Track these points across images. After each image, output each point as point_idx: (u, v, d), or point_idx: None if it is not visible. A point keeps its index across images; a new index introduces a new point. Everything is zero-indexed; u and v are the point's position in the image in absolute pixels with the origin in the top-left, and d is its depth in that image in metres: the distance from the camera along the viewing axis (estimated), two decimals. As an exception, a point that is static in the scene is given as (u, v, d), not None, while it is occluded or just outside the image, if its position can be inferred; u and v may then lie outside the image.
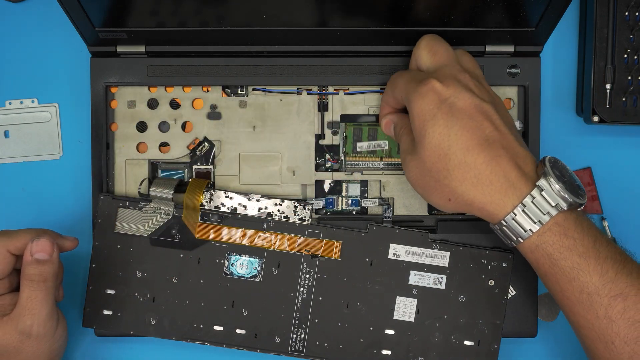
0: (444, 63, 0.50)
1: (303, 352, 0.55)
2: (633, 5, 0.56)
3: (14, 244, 0.50)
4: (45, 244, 0.50)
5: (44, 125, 0.59)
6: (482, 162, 0.46)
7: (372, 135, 0.57)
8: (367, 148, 0.57)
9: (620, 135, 0.60)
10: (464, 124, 0.47)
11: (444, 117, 0.47)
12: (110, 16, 0.52)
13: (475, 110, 0.47)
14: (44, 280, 0.50)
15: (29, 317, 0.49)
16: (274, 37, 0.55)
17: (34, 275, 0.49)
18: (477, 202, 0.47)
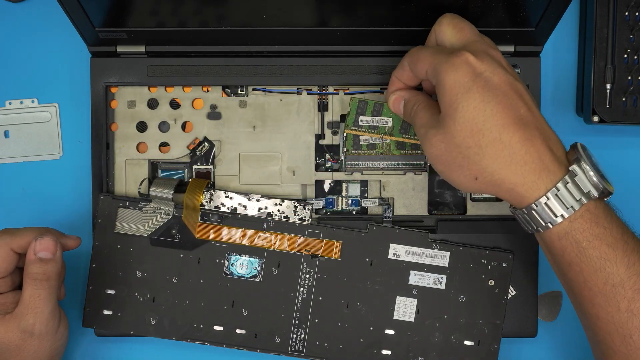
0: (473, 39, 0.48)
1: (303, 352, 0.55)
2: (633, 5, 0.56)
3: (17, 243, 0.50)
4: (49, 243, 0.50)
5: (44, 125, 0.59)
6: (518, 142, 0.45)
7: (377, 110, 0.56)
8: (370, 123, 0.56)
9: (620, 135, 0.60)
10: (499, 100, 0.45)
11: (480, 92, 0.45)
12: (110, 16, 0.52)
13: (510, 88, 0.46)
14: (47, 278, 0.50)
15: (32, 316, 0.49)
16: (274, 37, 0.55)
17: (37, 274, 0.49)
18: (508, 183, 0.45)
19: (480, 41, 0.48)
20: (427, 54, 0.48)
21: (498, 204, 0.58)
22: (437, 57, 0.47)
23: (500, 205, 0.57)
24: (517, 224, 0.57)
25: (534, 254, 0.57)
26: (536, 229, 0.46)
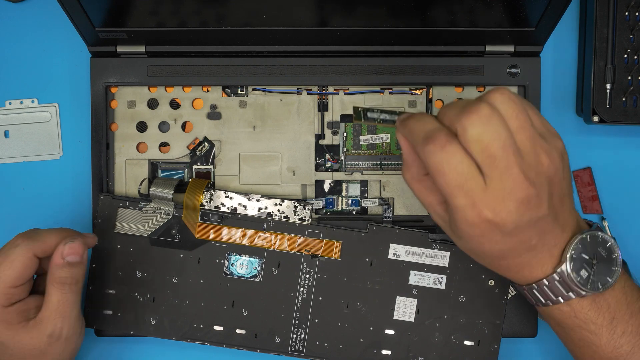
0: (501, 174, 0.42)
1: (303, 352, 0.55)
2: (633, 5, 0.56)
3: (40, 247, 0.50)
4: (77, 246, 0.49)
5: (44, 125, 0.59)
6: (525, 228, 0.44)
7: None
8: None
9: (620, 135, 0.60)
10: (514, 241, 0.44)
11: (499, 239, 0.44)
12: (110, 16, 0.52)
13: (526, 232, 0.44)
14: (76, 282, 0.49)
15: (60, 320, 0.49)
16: (274, 37, 0.55)
17: (65, 278, 0.49)
18: (504, 263, 0.47)
19: (507, 177, 0.42)
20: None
21: (498, 204, 0.57)
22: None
23: (500, 205, 0.57)
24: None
25: (534, 254, 0.57)
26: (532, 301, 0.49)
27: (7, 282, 0.48)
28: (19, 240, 0.49)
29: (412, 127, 0.45)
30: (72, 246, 0.49)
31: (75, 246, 0.49)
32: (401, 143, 0.47)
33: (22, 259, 0.49)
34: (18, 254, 0.49)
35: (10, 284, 0.48)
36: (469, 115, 0.41)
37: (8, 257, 0.48)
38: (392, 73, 0.56)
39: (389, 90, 0.57)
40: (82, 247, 0.50)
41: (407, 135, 0.46)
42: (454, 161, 0.41)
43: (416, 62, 0.56)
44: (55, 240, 0.50)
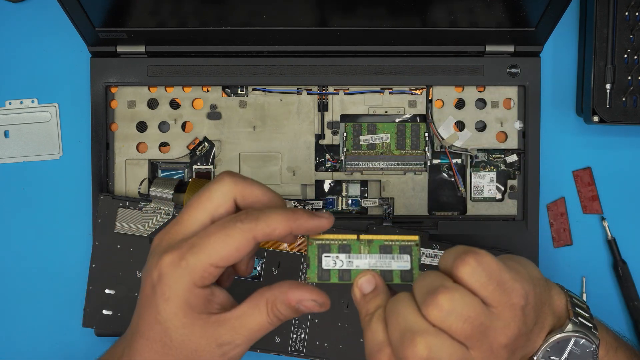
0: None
1: (303, 352, 0.55)
2: (633, 5, 0.56)
3: (263, 232, 0.39)
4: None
5: (44, 125, 0.59)
6: None
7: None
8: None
9: (620, 135, 0.60)
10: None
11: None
12: (110, 16, 0.52)
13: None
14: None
15: (248, 341, 0.40)
16: (274, 37, 0.55)
17: (286, 317, 0.41)
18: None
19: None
20: None
21: (498, 204, 0.58)
22: None
23: (500, 205, 0.57)
24: (517, 224, 0.57)
25: (534, 254, 0.57)
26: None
27: (212, 259, 0.39)
28: (242, 216, 0.39)
29: (364, 330, 0.40)
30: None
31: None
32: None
33: (241, 239, 0.39)
34: (237, 231, 0.39)
35: (216, 262, 0.39)
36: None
37: (224, 228, 0.39)
38: (392, 73, 0.56)
39: (389, 90, 0.57)
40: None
41: None
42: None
43: (416, 62, 0.56)
44: (282, 228, 0.39)
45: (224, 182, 0.40)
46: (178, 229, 0.40)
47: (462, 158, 0.58)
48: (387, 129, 0.58)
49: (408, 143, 0.58)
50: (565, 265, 0.60)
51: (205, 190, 0.41)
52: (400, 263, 0.41)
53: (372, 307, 0.40)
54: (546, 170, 0.58)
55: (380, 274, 0.41)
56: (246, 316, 0.40)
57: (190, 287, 0.39)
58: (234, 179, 0.41)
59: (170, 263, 0.39)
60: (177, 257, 0.39)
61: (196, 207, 0.40)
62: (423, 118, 0.58)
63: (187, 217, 0.40)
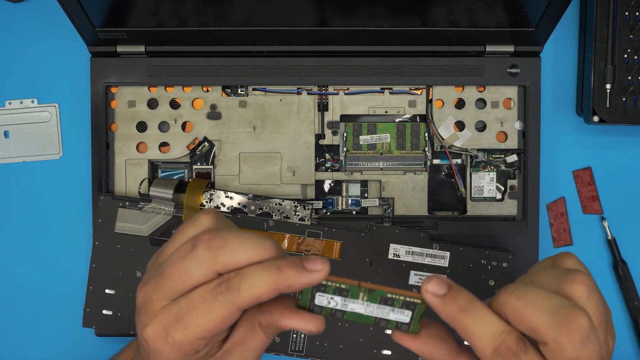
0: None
1: (303, 352, 0.55)
2: (633, 5, 0.56)
3: (246, 301, 0.37)
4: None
5: (44, 125, 0.59)
6: None
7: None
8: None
9: (620, 135, 0.60)
10: None
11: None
12: (110, 16, 0.52)
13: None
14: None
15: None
16: (274, 37, 0.55)
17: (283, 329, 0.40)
18: None
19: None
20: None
21: (498, 204, 0.58)
22: None
23: (500, 205, 0.57)
24: (517, 224, 0.57)
25: (534, 254, 0.57)
26: None
27: (198, 334, 0.37)
28: (223, 287, 0.37)
29: (470, 327, 0.37)
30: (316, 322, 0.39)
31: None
32: (426, 348, 0.39)
33: (224, 313, 0.37)
34: (219, 305, 0.37)
35: (202, 335, 0.38)
36: (569, 333, 0.35)
37: (206, 302, 0.37)
38: (392, 73, 0.56)
39: (389, 91, 0.57)
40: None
41: (461, 334, 0.37)
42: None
43: (416, 62, 0.56)
44: (268, 293, 0.37)
45: (202, 260, 0.37)
46: (158, 295, 0.38)
47: (462, 158, 0.58)
48: (387, 129, 0.58)
49: (408, 143, 0.58)
50: (565, 265, 0.60)
51: (184, 263, 0.38)
52: (399, 316, 0.39)
53: (465, 300, 0.37)
54: (546, 170, 0.58)
55: (374, 320, 0.39)
56: (248, 341, 0.40)
57: (184, 358, 0.38)
58: (213, 254, 0.37)
59: (157, 337, 0.38)
60: (162, 332, 0.38)
61: (177, 278, 0.38)
62: (423, 118, 0.58)
63: (167, 285, 0.38)
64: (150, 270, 0.40)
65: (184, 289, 0.38)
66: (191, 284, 0.38)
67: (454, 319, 0.37)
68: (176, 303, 0.38)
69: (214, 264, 0.37)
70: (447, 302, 0.37)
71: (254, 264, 0.37)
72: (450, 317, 0.37)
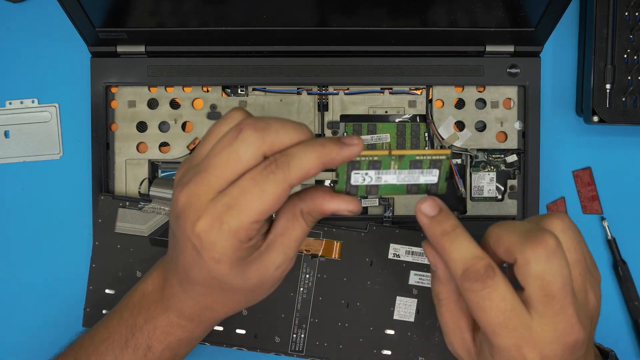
0: (554, 315, 0.38)
1: (303, 352, 0.55)
2: (633, 5, 0.56)
3: (296, 176, 0.38)
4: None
5: (44, 125, 0.59)
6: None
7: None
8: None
9: (620, 135, 0.60)
10: None
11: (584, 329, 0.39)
12: (110, 16, 0.52)
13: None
14: None
15: (293, 254, 0.41)
16: (274, 37, 0.55)
17: (315, 220, 0.42)
18: None
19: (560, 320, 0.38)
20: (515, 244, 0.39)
21: (498, 204, 0.58)
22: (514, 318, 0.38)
23: (500, 205, 0.57)
24: (517, 224, 0.57)
25: (534, 254, 0.57)
26: None
27: (253, 217, 0.38)
28: (273, 166, 0.38)
29: (447, 249, 0.40)
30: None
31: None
32: (431, 257, 0.42)
33: (277, 191, 0.38)
34: (272, 184, 0.38)
35: (257, 218, 0.38)
36: (534, 246, 0.38)
37: (258, 183, 0.38)
38: (392, 73, 0.56)
39: (389, 91, 0.57)
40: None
41: (441, 255, 0.41)
42: (496, 297, 0.38)
43: (416, 62, 0.56)
44: (315, 168, 0.38)
45: (250, 141, 0.38)
46: (206, 189, 0.38)
47: (462, 158, 0.58)
48: (387, 129, 0.58)
49: (408, 143, 0.58)
50: (565, 265, 0.60)
51: (232, 148, 0.38)
52: (428, 177, 0.41)
53: (449, 225, 0.40)
54: (546, 170, 0.58)
55: (406, 187, 0.41)
56: (290, 230, 0.41)
57: (239, 246, 0.39)
58: (260, 135, 0.38)
59: (211, 228, 0.38)
60: (216, 222, 0.38)
61: (225, 166, 0.38)
62: (423, 118, 0.58)
63: (214, 176, 0.38)
64: (188, 174, 0.40)
65: (232, 177, 0.38)
66: (240, 169, 0.38)
67: (435, 240, 0.40)
68: (226, 192, 0.38)
69: (262, 144, 0.38)
70: (433, 224, 0.41)
71: (298, 144, 0.38)
72: (433, 239, 0.41)
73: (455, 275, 0.39)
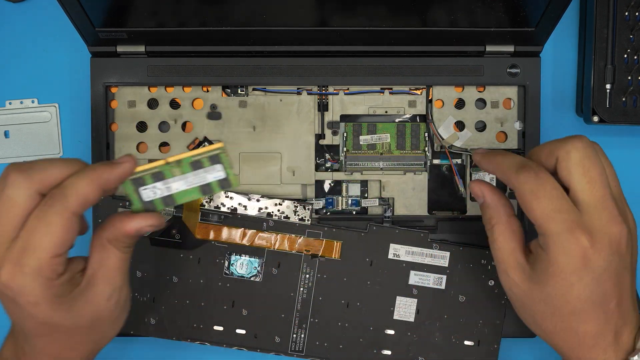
0: (598, 203, 0.43)
1: (303, 352, 0.55)
2: (633, 5, 0.56)
3: (76, 203, 0.40)
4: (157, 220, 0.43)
5: (44, 125, 0.59)
6: (591, 335, 0.43)
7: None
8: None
9: (620, 135, 0.60)
10: (594, 289, 0.42)
11: (583, 279, 0.42)
12: (110, 16, 0.52)
13: (612, 279, 0.43)
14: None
15: (120, 280, 0.43)
16: (274, 37, 0.55)
17: (131, 243, 0.43)
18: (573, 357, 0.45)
19: (604, 209, 0.42)
20: (543, 195, 0.43)
21: (498, 204, 0.58)
22: (552, 212, 0.42)
23: (500, 205, 0.57)
24: (517, 224, 0.57)
25: (534, 254, 0.57)
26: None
27: (50, 252, 0.39)
28: (50, 200, 0.39)
29: (501, 161, 0.45)
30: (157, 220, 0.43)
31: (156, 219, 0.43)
32: (477, 190, 0.47)
33: (62, 221, 0.39)
34: (55, 216, 0.39)
35: (55, 252, 0.39)
36: (573, 141, 0.43)
37: (41, 220, 0.39)
38: (392, 73, 0.56)
39: (389, 91, 0.57)
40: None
41: (494, 170, 0.46)
42: (548, 187, 0.42)
43: (416, 62, 0.56)
44: (93, 192, 0.40)
45: (17, 183, 0.39)
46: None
47: (462, 158, 0.58)
48: (387, 129, 0.58)
49: (408, 143, 0.58)
50: (565, 265, 0.60)
51: (4, 195, 0.39)
52: (215, 174, 0.42)
53: (499, 151, 0.47)
54: (546, 170, 0.58)
55: (200, 189, 0.42)
56: (105, 261, 0.42)
57: (48, 283, 0.39)
58: (25, 175, 0.39)
59: (14, 273, 0.39)
60: (17, 267, 0.39)
61: (6, 215, 0.39)
62: (423, 118, 0.58)
63: (0, 228, 0.39)
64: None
65: (18, 222, 0.39)
66: (21, 212, 0.39)
67: (490, 158, 0.46)
68: (18, 237, 0.39)
69: (31, 183, 0.39)
70: (487, 153, 0.47)
71: (71, 175, 0.40)
72: (487, 157, 0.47)
73: (511, 174, 0.44)
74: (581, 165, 0.43)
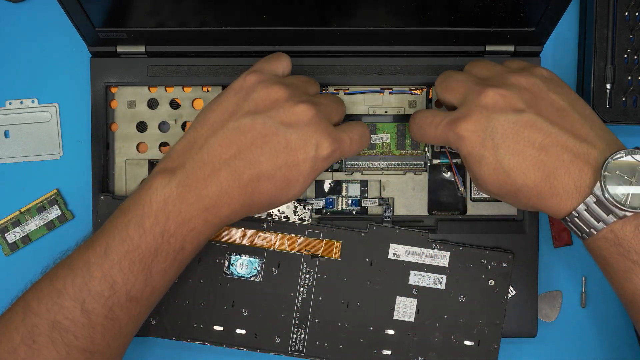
0: (463, 96, 0.49)
1: (303, 352, 0.55)
2: (633, 5, 0.57)
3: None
4: None
5: (44, 125, 0.59)
6: (540, 181, 0.46)
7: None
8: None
9: (620, 135, 0.59)
10: (511, 150, 0.46)
11: (492, 154, 0.47)
12: (110, 16, 0.52)
13: (515, 130, 0.46)
14: None
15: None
16: (274, 37, 0.55)
17: None
18: (542, 209, 0.47)
19: (469, 94, 0.48)
20: (438, 123, 0.50)
21: (498, 204, 0.58)
22: (444, 125, 0.49)
23: (500, 205, 0.57)
24: (517, 224, 0.57)
25: (534, 254, 0.57)
26: (580, 235, 0.48)
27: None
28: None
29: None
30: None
31: None
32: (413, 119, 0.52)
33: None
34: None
35: None
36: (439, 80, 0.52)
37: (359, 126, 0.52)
38: (392, 73, 0.56)
39: (389, 91, 0.57)
40: None
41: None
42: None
43: (416, 62, 0.56)
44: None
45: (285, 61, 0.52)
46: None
47: (462, 158, 0.58)
48: (387, 129, 0.58)
49: (408, 143, 0.58)
50: (565, 265, 0.60)
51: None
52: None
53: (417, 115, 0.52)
54: (546, 170, 0.58)
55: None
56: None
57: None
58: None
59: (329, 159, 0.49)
60: (336, 150, 0.49)
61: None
62: (423, 118, 0.58)
63: None
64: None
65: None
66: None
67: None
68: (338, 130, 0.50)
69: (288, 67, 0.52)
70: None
71: None
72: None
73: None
74: (441, 86, 0.51)
